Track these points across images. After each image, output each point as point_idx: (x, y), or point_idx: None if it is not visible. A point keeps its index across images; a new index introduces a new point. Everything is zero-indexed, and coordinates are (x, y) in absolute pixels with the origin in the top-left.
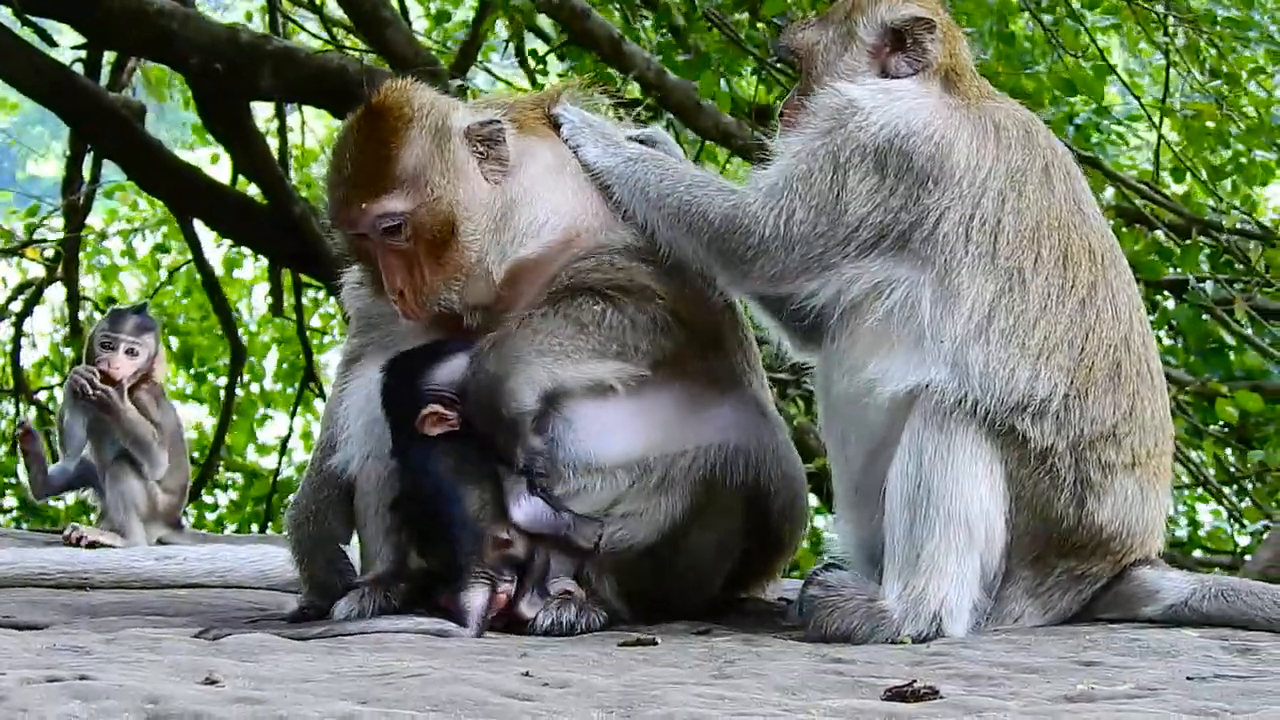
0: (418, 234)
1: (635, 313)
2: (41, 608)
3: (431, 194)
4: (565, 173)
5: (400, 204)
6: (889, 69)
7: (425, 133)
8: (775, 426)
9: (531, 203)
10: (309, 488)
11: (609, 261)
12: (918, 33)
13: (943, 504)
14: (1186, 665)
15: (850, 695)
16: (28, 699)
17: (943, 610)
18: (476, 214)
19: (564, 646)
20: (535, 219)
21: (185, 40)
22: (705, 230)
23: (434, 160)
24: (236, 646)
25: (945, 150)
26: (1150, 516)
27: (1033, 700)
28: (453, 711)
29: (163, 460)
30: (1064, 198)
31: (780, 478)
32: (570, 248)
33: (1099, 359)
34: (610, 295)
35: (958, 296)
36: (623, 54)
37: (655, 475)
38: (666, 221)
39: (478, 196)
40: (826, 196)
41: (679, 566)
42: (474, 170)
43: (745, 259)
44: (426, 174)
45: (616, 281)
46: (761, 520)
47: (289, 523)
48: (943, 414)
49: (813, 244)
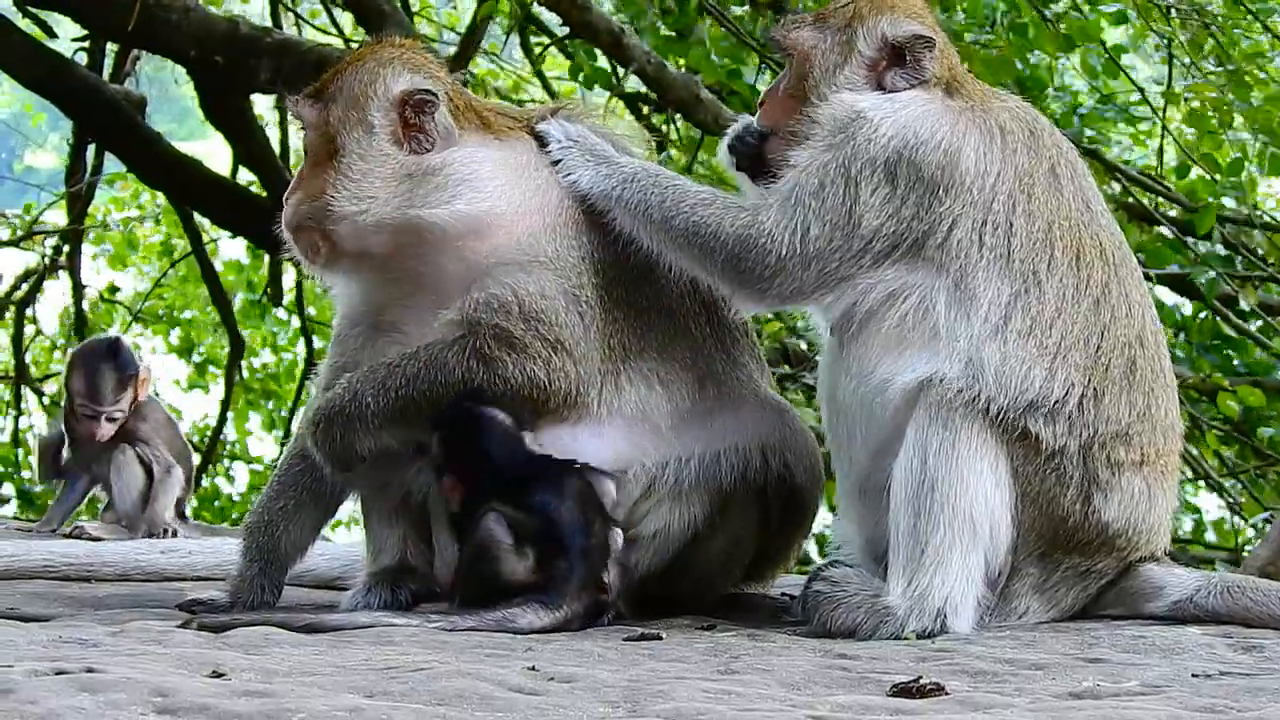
0: (309, 148)
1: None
2: (47, 600)
3: (327, 119)
4: (509, 171)
5: (306, 112)
6: (885, 83)
7: (358, 74)
8: (782, 411)
9: (448, 177)
10: (269, 494)
11: (520, 289)
12: (918, 50)
13: (947, 500)
14: (1191, 662)
15: (856, 691)
16: (36, 691)
17: (947, 606)
18: (370, 162)
19: (569, 641)
20: (448, 191)
21: (184, 32)
22: (719, 251)
23: (346, 97)
24: (243, 640)
25: (953, 157)
26: (1157, 514)
27: (1038, 697)
28: (459, 705)
29: (178, 476)
30: (1073, 197)
31: (795, 459)
32: (490, 236)
33: (1115, 357)
34: (516, 341)
35: (974, 299)
36: (622, 46)
37: (663, 485)
38: (675, 243)
39: (377, 149)
40: (840, 211)
41: (693, 573)
42: (384, 127)
43: (763, 278)
44: (335, 104)
45: (525, 309)
46: (778, 508)
47: (245, 523)
48: (948, 409)
49: (828, 259)
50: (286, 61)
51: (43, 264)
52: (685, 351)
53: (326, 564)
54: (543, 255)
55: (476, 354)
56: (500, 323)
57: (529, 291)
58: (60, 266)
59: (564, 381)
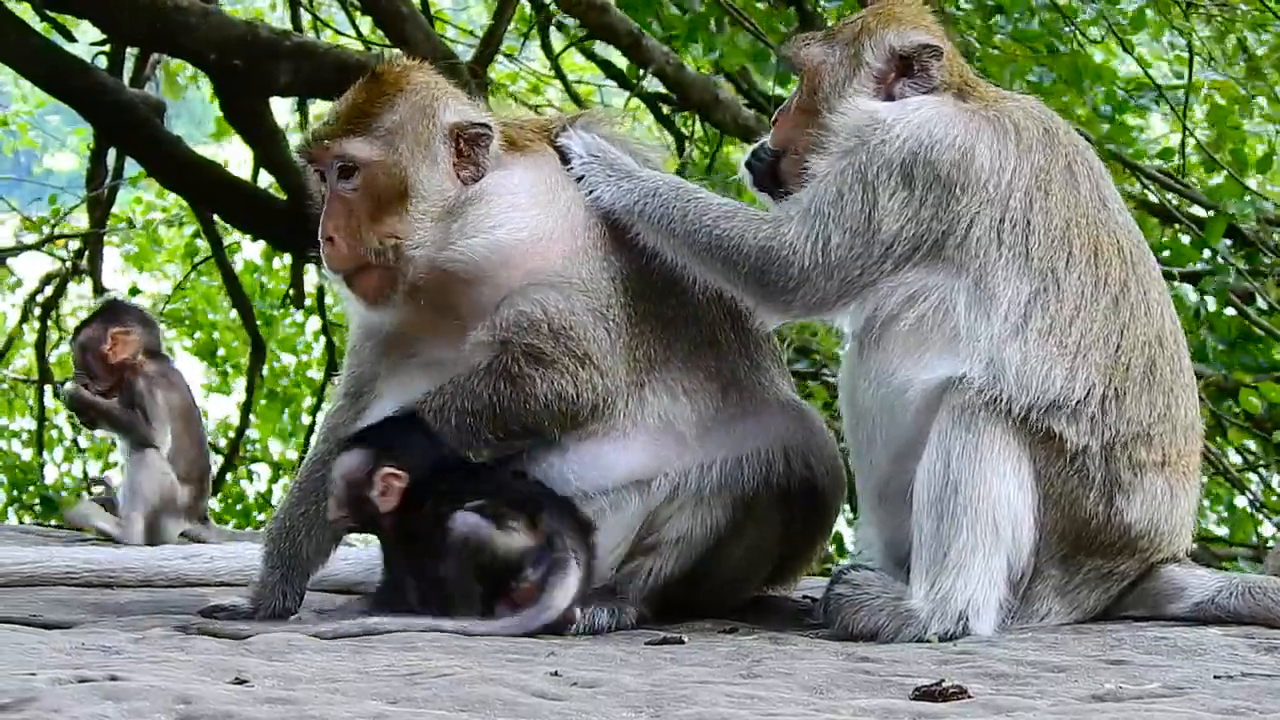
0: (367, 187)
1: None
2: (69, 606)
3: (393, 158)
4: (540, 194)
5: (361, 150)
6: (894, 94)
7: (410, 107)
8: (803, 413)
9: (489, 208)
10: (290, 501)
11: (548, 306)
12: (925, 60)
13: (970, 503)
14: (1214, 664)
15: (878, 694)
16: (59, 700)
17: (969, 609)
18: (431, 199)
19: (592, 645)
20: (489, 222)
21: (203, 36)
22: (742, 265)
23: (408, 132)
24: (265, 646)
25: (968, 155)
26: (1179, 515)
27: (1061, 699)
28: (482, 711)
29: (163, 436)
30: (1089, 194)
31: (817, 461)
32: (524, 263)
33: (1134, 357)
34: (545, 356)
35: (993, 298)
36: (641, 48)
37: (685, 491)
38: (699, 257)
39: (437, 185)
40: (859, 218)
41: (716, 578)
42: (444, 160)
43: (787, 289)
44: (396, 140)
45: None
46: (800, 511)
47: (266, 530)
48: (972, 412)
49: (850, 267)
50: (306, 65)
51: (65, 268)
52: (711, 360)
53: (349, 568)
54: (575, 278)
55: (505, 374)
56: (530, 340)
57: (558, 309)
58: (82, 270)
59: (591, 394)
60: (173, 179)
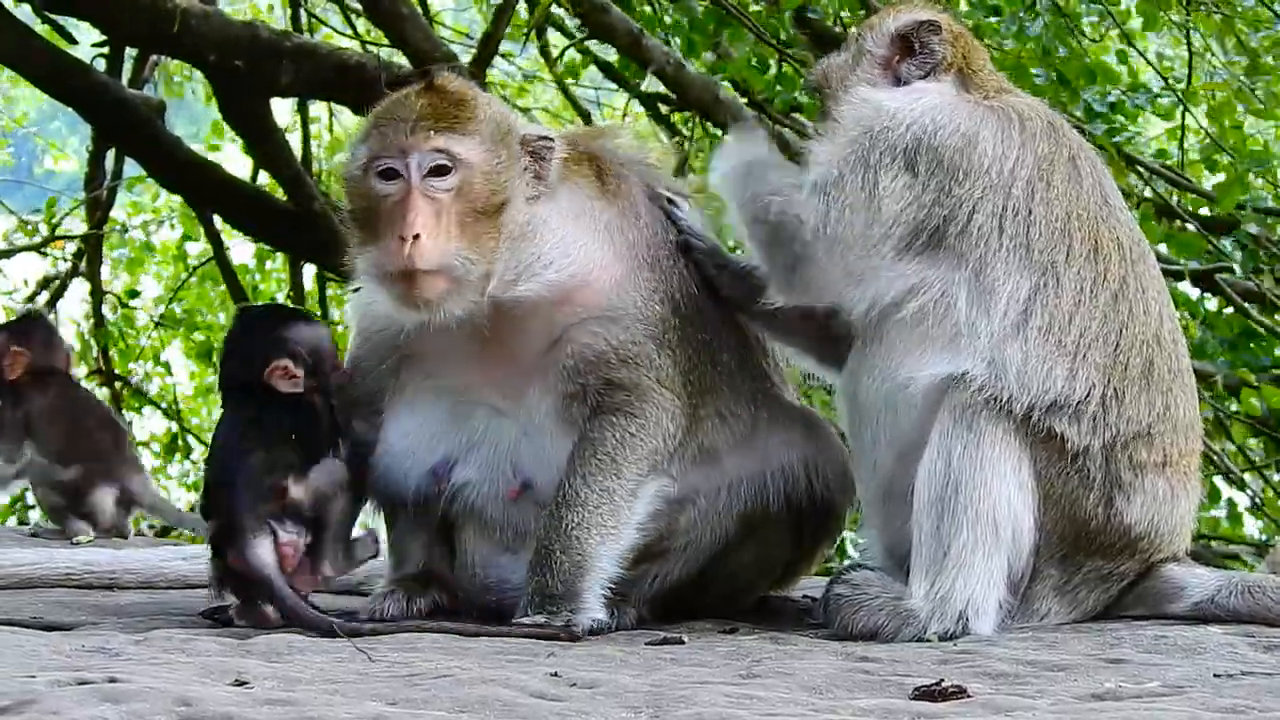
0: (463, 191)
1: (648, 408)
2: (70, 608)
3: (494, 165)
4: (584, 219)
5: (466, 151)
6: (901, 75)
7: (496, 114)
8: (815, 425)
9: (544, 241)
10: None
11: (611, 339)
12: (924, 36)
13: (971, 503)
14: (1213, 662)
15: (878, 694)
16: (59, 702)
17: (969, 609)
18: (518, 219)
19: (592, 646)
20: (543, 256)
21: (204, 37)
22: (764, 222)
23: (500, 141)
24: (265, 648)
25: (971, 141)
26: (1179, 515)
27: (1060, 699)
28: (482, 712)
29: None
30: (1091, 189)
31: (831, 474)
32: (572, 301)
33: (1133, 356)
34: (618, 405)
35: (993, 293)
36: (642, 48)
37: (704, 504)
38: (742, 217)
39: (521, 203)
40: (859, 196)
41: (722, 584)
42: (521, 175)
43: (789, 264)
44: (497, 146)
45: (626, 358)
46: (812, 522)
47: None
48: (973, 411)
49: (851, 246)
50: (306, 65)
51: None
52: (747, 382)
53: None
54: (630, 307)
55: (606, 409)
56: (604, 374)
57: (619, 340)
58: (80, 273)
59: (674, 422)
60: (173, 179)
